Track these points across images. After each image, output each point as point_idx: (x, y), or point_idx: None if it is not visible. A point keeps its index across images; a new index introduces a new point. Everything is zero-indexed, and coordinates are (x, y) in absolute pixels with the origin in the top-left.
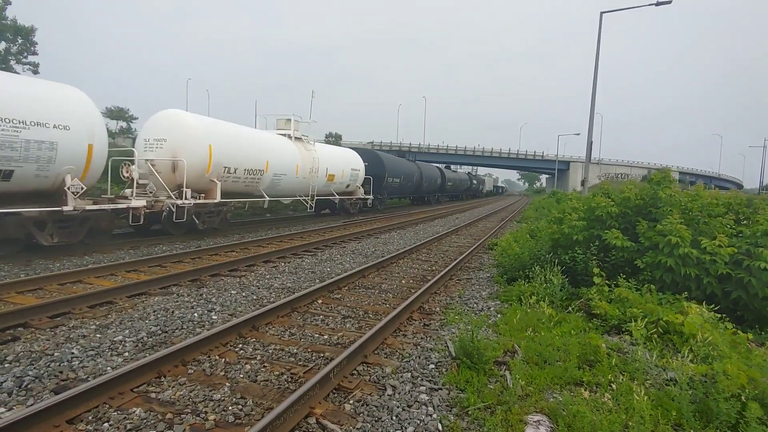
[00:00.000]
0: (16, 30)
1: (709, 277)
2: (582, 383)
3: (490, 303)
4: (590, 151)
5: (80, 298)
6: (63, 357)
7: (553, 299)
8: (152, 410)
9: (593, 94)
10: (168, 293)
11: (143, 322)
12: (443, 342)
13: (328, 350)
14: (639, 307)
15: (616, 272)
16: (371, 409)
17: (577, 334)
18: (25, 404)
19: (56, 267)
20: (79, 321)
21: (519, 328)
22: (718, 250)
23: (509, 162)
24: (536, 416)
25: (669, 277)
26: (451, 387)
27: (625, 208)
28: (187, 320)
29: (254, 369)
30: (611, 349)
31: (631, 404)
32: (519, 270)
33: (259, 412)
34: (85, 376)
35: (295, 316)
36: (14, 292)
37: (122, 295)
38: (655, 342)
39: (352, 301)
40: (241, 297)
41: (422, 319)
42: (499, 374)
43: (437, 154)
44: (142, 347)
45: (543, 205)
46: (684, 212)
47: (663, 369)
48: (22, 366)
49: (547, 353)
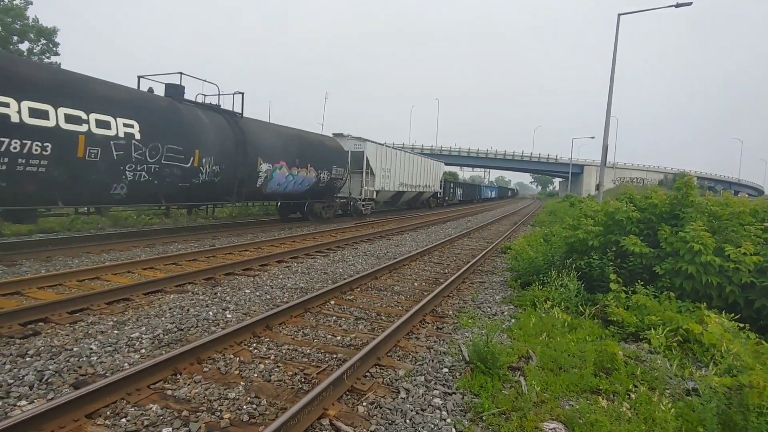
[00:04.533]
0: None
1: (732, 285)
2: (599, 391)
3: (504, 307)
4: (606, 155)
5: (98, 295)
6: (82, 352)
7: (569, 305)
8: (168, 407)
9: (609, 97)
10: (183, 291)
11: (159, 320)
12: (457, 346)
13: (341, 351)
14: (657, 315)
15: (634, 279)
16: (384, 412)
17: (593, 340)
18: (46, 398)
19: (75, 263)
20: (97, 317)
21: (533, 334)
22: (743, 258)
23: (522, 164)
24: (552, 424)
25: (689, 285)
26: (465, 391)
27: (649, 214)
28: (202, 318)
29: (268, 369)
30: (628, 357)
31: (651, 414)
32: (533, 274)
33: (273, 412)
34: (103, 371)
35: (308, 316)
36: (35, 287)
37: (139, 293)
38: (675, 351)
39: (365, 302)
40: (255, 296)
41: (435, 322)
42: (514, 380)
43: (450, 156)
44: (159, 344)
45: (556, 208)
46: (712, 219)
47: (683, 379)
48: (42, 360)
49: (563, 359)
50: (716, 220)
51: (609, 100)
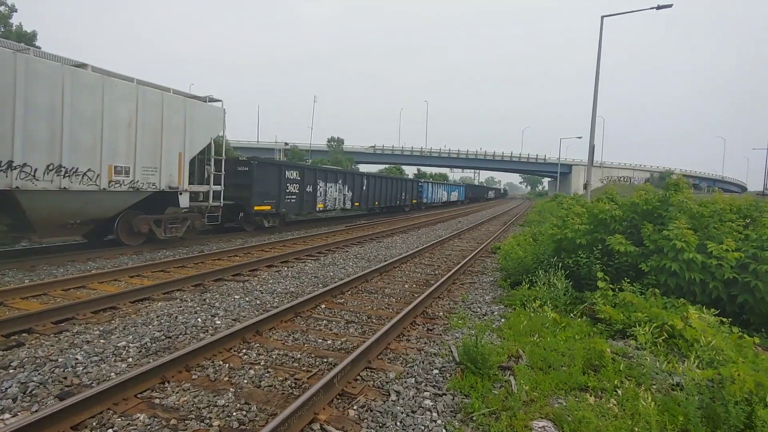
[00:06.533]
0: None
1: (715, 281)
2: (587, 388)
3: (494, 307)
4: (592, 155)
5: (84, 304)
6: (67, 363)
7: (557, 303)
8: (156, 416)
9: (595, 98)
10: (171, 298)
11: (147, 328)
12: (447, 347)
13: (331, 355)
14: (644, 312)
15: (620, 276)
16: (375, 415)
17: (582, 338)
18: (30, 410)
19: (60, 272)
20: (83, 326)
21: (523, 333)
22: (725, 254)
23: (511, 165)
24: (541, 422)
25: (674, 282)
26: (455, 392)
27: (632, 213)
28: (190, 325)
29: (258, 374)
30: (616, 353)
31: (636, 410)
32: (522, 274)
33: (263, 418)
34: (89, 381)
35: (299, 320)
36: (18, 297)
37: (126, 301)
38: (661, 346)
39: (356, 305)
40: (245, 302)
41: (426, 323)
42: (504, 379)
43: (439, 158)
44: (146, 353)
45: (545, 208)
46: (694, 217)
47: (669, 374)
48: (26, 372)
49: (552, 358)
50: (698, 218)
51: (594, 101)
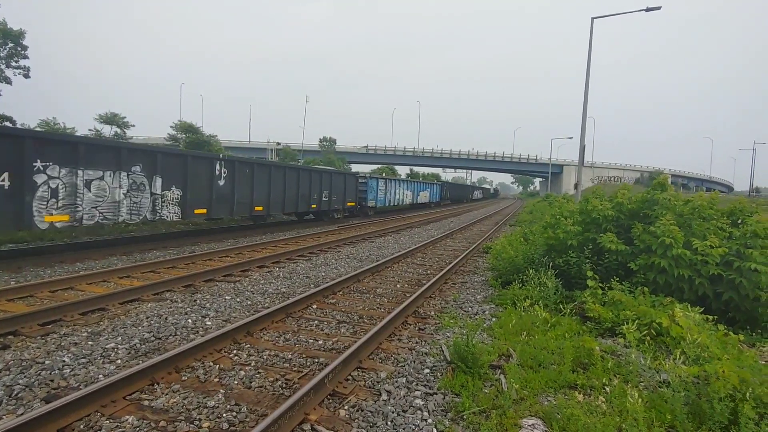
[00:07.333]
0: (5, 34)
1: (701, 278)
2: (576, 386)
3: (485, 307)
4: (583, 155)
5: (72, 305)
6: (54, 365)
7: (548, 302)
8: (145, 418)
9: (585, 99)
10: (161, 299)
11: (136, 329)
12: (438, 346)
13: (323, 355)
14: (632, 310)
15: (610, 275)
16: (366, 415)
17: (572, 337)
18: (15, 413)
19: (47, 273)
20: (71, 328)
21: (514, 332)
22: (710, 251)
23: (503, 165)
24: (531, 420)
25: (662, 279)
26: (446, 391)
27: (618, 213)
28: (180, 326)
29: (249, 375)
30: (605, 351)
31: (624, 407)
32: (513, 273)
33: (253, 419)
34: (76, 384)
35: (290, 321)
36: (4, 299)
37: (115, 302)
38: (649, 344)
39: (347, 305)
40: (236, 302)
41: (417, 323)
42: (494, 378)
43: (432, 158)
44: (135, 354)
45: (537, 208)
46: (677, 215)
47: (656, 371)
48: (12, 375)
49: (542, 357)
50: (681, 215)
51: (585, 102)
